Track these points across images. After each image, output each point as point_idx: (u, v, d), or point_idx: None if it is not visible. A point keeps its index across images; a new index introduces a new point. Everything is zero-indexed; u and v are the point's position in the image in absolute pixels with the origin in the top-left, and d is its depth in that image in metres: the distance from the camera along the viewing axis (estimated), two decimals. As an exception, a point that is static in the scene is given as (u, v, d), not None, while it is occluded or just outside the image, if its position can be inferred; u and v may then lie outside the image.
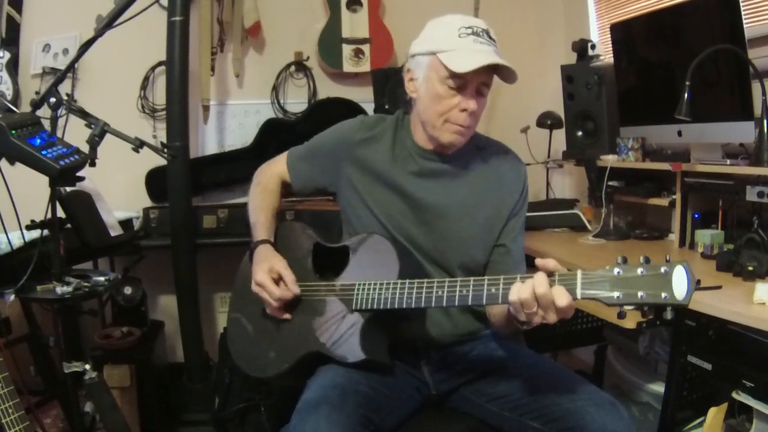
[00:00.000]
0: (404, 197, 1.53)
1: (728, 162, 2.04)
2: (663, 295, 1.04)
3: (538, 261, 1.18)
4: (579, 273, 1.12)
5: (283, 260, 1.51)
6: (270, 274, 1.46)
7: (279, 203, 1.70)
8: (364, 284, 1.40)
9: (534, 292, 1.14)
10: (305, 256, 1.57)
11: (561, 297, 1.12)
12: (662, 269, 1.04)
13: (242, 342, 1.60)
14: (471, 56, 1.37)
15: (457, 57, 1.37)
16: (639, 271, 1.06)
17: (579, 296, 1.11)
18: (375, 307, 1.36)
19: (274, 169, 1.73)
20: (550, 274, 1.15)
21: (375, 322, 1.41)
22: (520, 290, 1.15)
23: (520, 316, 1.18)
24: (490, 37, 1.41)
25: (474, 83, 1.41)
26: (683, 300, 1.03)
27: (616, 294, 1.07)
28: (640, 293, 1.05)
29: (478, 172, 1.55)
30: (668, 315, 1.06)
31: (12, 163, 1.69)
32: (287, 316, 1.50)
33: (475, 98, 1.42)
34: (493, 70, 1.41)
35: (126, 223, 2.80)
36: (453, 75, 1.38)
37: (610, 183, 2.48)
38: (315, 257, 1.57)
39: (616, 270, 1.08)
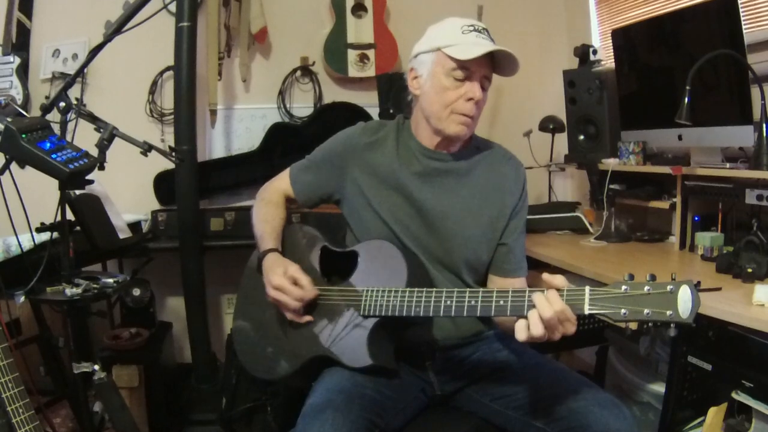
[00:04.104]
0: (410, 199, 1.55)
1: (728, 165, 2.05)
2: (668, 313, 1.05)
3: (546, 276, 1.17)
4: (587, 289, 1.13)
5: (295, 264, 1.50)
6: (286, 277, 1.46)
7: (284, 215, 1.69)
8: (372, 290, 1.41)
9: (554, 310, 1.14)
10: (313, 260, 1.58)
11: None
12: (668, 287, 1.05)
13: (249, 345, 1.60)
14: (476, 46, 1.43)
15: (463, 47, 1.43)
16: (645, 288, 1.07)
17: (586, 312, 1.12)
18: (383, 313, 1.37)
19: (276, 185, 1.73)
20: (558, 290, 1.16)
21: (382, 328, 1.41)
22: (543, 310, 1.14)
23: (540, 333, 1.16)
24: (490, 37, 1.48)
25: (478, 74, 1.46)
26: (687, 318, 1.04)
27: (622, 311, 1.08)
28: (646, 310, 1.07)
29: (479, 172, 1.58)
30: (671, 332, 1.07)
31: (22, 166, 1.71)
32: (308, 318, 1.49)
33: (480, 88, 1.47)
34: (493, 65, 1.47)
35: (134, 226, 2.82)
36: (459, 66, 1.44)
37: (612, 186, 2.49)
38: (322, 261, 1.57)
39: (623, 287, 1.09)
